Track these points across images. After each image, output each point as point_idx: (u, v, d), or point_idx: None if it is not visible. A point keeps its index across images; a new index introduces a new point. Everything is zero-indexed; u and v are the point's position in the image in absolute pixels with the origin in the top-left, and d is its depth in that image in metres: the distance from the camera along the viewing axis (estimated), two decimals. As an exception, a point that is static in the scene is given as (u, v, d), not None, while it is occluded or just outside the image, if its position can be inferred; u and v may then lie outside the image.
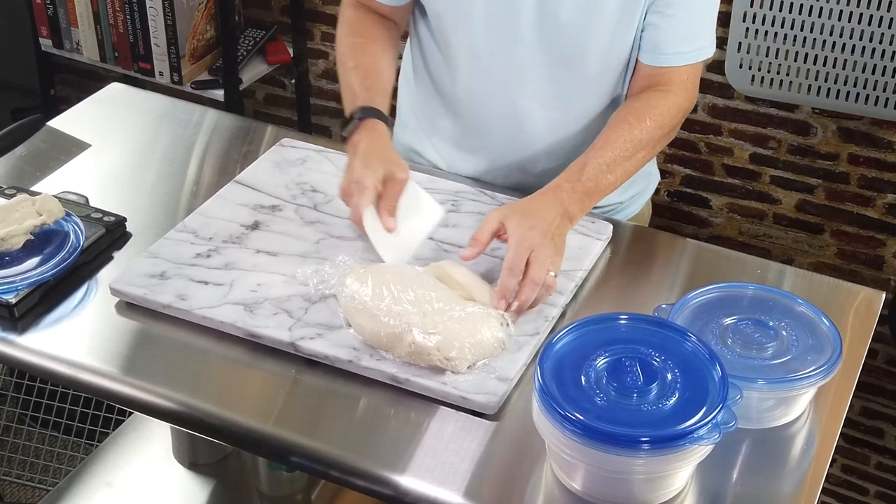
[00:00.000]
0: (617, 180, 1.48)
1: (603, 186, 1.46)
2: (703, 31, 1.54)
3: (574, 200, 1.42)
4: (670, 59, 1.52)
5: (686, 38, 1.52)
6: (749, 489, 1.15)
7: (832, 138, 2.32)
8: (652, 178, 1.78)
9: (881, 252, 2.39)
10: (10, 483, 2.53)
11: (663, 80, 1.53)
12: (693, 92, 1.57)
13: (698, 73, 1.56)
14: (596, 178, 1.45)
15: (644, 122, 1.49)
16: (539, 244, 1.33)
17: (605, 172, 1.45)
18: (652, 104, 1.52)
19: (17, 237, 1.36)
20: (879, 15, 2.11)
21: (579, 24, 1.48)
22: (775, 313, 1.26)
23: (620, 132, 1.49)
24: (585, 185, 1.43)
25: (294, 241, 1.44)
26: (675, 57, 1.52)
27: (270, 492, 1.81)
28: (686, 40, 1.52)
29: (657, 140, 1.53)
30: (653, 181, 1.79)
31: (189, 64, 2.62)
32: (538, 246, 1.33)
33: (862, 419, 2.57)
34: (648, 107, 1.51)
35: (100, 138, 1.70)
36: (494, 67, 1.54)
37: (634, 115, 1.50)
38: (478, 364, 1.24)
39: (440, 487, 1.13)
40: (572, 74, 1.53)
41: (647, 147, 1.50)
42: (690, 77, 1.55)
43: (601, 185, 1.46)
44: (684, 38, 1.52)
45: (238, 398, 1.25)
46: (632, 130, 1.49)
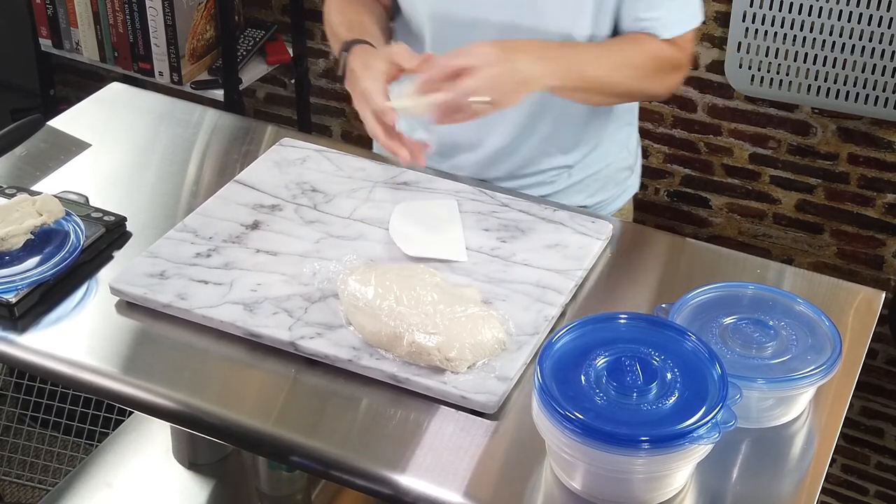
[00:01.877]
0: (602, 76, 1.46)
1: (586, 64, 1.45)
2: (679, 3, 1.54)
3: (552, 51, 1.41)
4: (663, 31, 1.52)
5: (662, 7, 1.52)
6: (749, 489, 1.15)
7: (832, 138, 2.32)
8: (627, 188, 1.77)
9: (881, 252, 2.39)
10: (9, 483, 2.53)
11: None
12: (690, 54, 1.56)
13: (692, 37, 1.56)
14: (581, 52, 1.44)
15: (635, 46, 1.49)
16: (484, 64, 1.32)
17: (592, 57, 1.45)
18: (646, 41, 1.51)
19: (18, 237, 1.36)
20: (879, 15, 2.11)
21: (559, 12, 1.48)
22: (775, 313, 1.26)
23: (611, 44, 1.49)
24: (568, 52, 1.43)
25: (294, 241, 1.44)
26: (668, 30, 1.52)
27: (270, 492, 1.81)
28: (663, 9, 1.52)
29: (646, 71, 1.51)
30: (627, 191, 1.77)
31: (189, 64, 2.62)
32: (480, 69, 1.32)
33: (862, 419, 2.57)
34: (642, 38, 1.51)
35: (100, 138, 1.70)
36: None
37: (628, 40, 1.51)
38: (478, 364, 1.24)
39: (440, 487, 1.13)
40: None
41: (636, 68, 1.49)
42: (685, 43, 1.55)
43: (584, 61, 1.44)
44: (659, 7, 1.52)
45: (238, 398, 1.25)
46: (622, 45, 1.49)
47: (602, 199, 1.72)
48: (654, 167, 2.52)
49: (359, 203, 1.52)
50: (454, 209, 1.49)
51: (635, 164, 1.79)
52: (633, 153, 1.77)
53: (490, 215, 1.49)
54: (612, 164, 1.71)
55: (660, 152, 2.50)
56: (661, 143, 2.49)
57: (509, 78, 1.35)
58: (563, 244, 1.45)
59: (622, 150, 1.73)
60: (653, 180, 2.54)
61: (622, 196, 1.76)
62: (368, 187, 1.55)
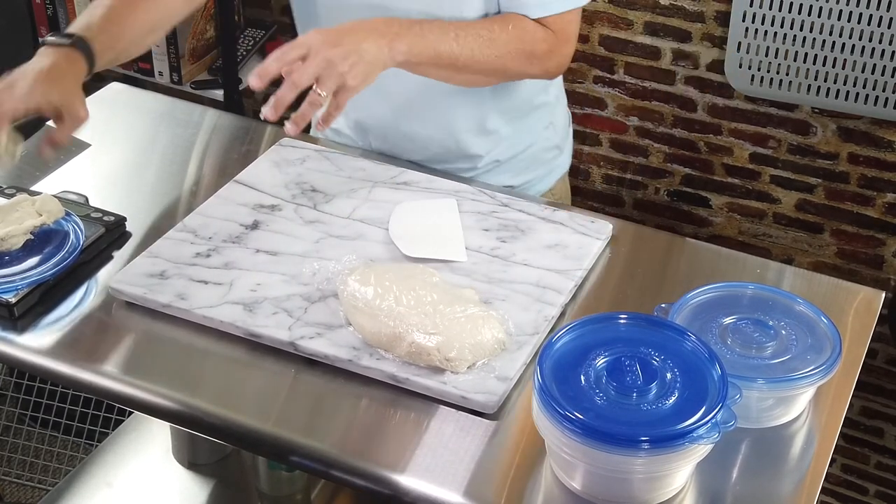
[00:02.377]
0: (460, 55, 1.43)
1: (443, 49, 1.41)
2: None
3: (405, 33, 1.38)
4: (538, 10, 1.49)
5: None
6: (748, 489, 1.15)
7: (832, 138, 2.32)
8: (555, 167, 1.76)
9: (881, 251, 2.39)
10: (9, 483, 2.53)
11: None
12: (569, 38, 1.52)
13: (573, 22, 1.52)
14: (439, 34, 1.41)
15: (506, 25, 1.46)
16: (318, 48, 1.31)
17: (451, 39, 1.42)
18: (516, 21, 1.48)
19: (17, 237, 1.36)
20: (879, 15, 2.11)
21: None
22: (775, 313, 1.26)
23: (476, 23, 1.46)
24: (424, 31, 1.40)
25: (294, 241, 1.44)
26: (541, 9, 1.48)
27: (270, 492, 1.81)
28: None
29: (512, 51, 1.47)
30: (556, 171, 1.77)
31: (189, 64, 2.62)
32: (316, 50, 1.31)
33: (862, 419, 2.57)
34: (515, 18, 1.48)
35: (100, 138, 1.70)
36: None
37: (496, 20, 1.48)
38: (477, 364, 1.24)
39: (440, 487, 1.13)
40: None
41: (500, 46, 1.45)
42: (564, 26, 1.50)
43: (441, 47, 1.41)
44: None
45: (238, 398, 1.25)
46: (492, 24, 1.46)
47: (528, 178, 1.72)
48: (654, 167, 2.53)
49: (358, 203, 1.52)
50: (454, 209, 1.49)
51: (564, 142, 1.78)
52: (560, 132, 1.76)
53: (490, 215, 1.49)
54: (536, 145, 1.70)
55: (660, 152, 2.50)
56: (661, 143, 2.49)
57: (345, 59, 1.33)
58: (562, 244, 1.45)
59: (545, 129, 1.72)
60: (653, 180, 2.54)
61: (550, 175, 1.76)
62: (368, 187, 1.55)
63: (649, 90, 2.44)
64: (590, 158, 2.58)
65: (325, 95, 1.33)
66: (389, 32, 1.38)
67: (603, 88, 2.48)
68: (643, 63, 2.42)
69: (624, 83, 2.46)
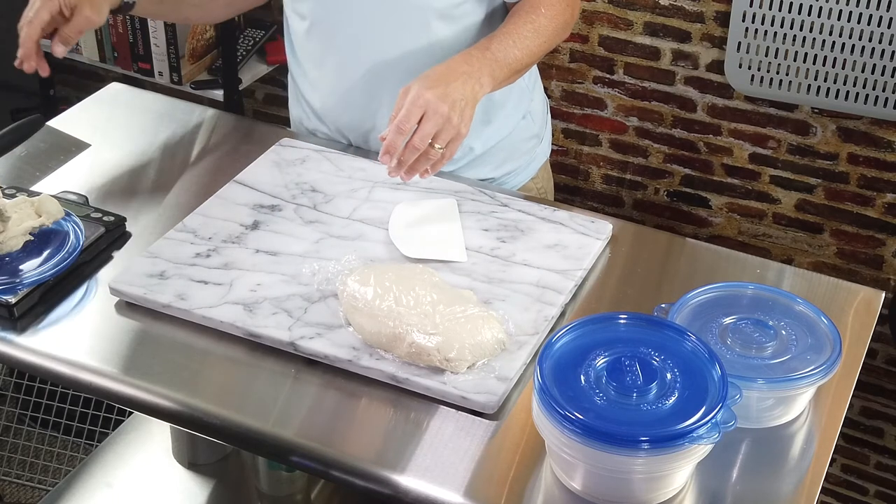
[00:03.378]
0: (523, 57, 1.49)
1: (511, 59, 1.47)
2: None
3: (483, 66, 1.43)
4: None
5: None
6: (748, 489, 1.15)
7: (832, 138, 2.32)
8: (536, 156, 1.77)
9: (881, 252, 2.39)
10: (9, 483, 2.53)
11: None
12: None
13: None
14: (504, 50, 1.46)
15: (539, 11, 1.51)
16: (434, 108, 1.34)
17: (511, 47, 1.47)
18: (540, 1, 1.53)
19: (16, 238, 1.36)
20: (879, 15, 2.11)
21: None
22: (775, 313, 1.26)
23: (518, 19, 1.51)
24: (495, 55, 1.45)
25: (293, 241, 1.44)
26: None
27: (270, 492, 1.81)
28: None
29: (553, 30, 1.53)
30: (536, 160, 1.78)
31: (188, 64, 2.62)
32: (432, 110, 1.34)
33: (861, 419, 2.57)
34: (538, 2, 1.53)
35: (99, 138, 1.70)
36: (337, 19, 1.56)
37: (529, 6, 1.52)
38: (477, 364, 1.24)
39: (440, 487, 1.13)
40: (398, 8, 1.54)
41: (545, 34, 1.52)
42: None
43: (509, 58, 1.47)
44: None
45: (238, 398, 1.25)
46: (529, 16, 1.51)
47: (509, 169, 1.72)
48: (654, 167, 2.53)
49: (358, 203, 1.52)
50: (454, 209, 1.49)
51: (543, 131, 1.79)
52: (538, 120, 1.77)
53: (490, 215, 1.49)
54: (514, 135, 1.71)
55: (660, 152, 2.50)
56: (660, 143, 2.49)
57: (456, 110, 1.37)
58: (562, 244, 1.45)
59: (522, 118, 1.73)
60: (653, 180, 2.54)
61: (531, 165, 1.76)
62: (368, 187, 1.55)
63: (649, 90, 2.44)
64: (590, 159, 2.58)
65: (441, 149, 1.36)
66: (474, 70, 1.41)
67: (603, 89, 2.48)
68: (643, 63, 2.42)
69: (624, 83, 2.46)
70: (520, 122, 1.71)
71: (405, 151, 1.35)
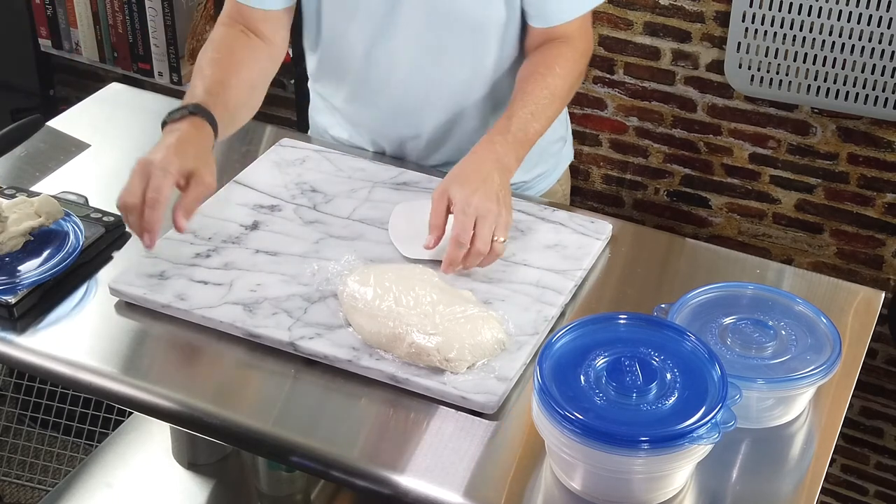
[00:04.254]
0: (542, 128, 1.52)
1: (531, 135, 1.50)
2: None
3: (508, 151, 1.45)
4: (561, 16, 1.54)
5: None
6: (748, 489, 1.15)
7: (832, 138, 2.32)
8: (562, 158, 1.79)
9: (881, 252, 2.39)
10: (9, 483, 2.53)
11: (558, 34, 1.56)
12: (589, 35, 1.61)
13: (590, 18, 1.59)
14: (524, 127, 1.49)
15: (554, 70, 1.53)
16: (484, 210, 1.36)
17: (531, 121, 1.50)
18: (556, 53, 1.55)
19: (16, 238, 1.36)
20: (879, 15, 2.11)
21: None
22: (774, 313, 1.26)
23: (535, 82, 1.52)
24: (516, 136, 1.47)
25: (293, 241, 1.44)
26: (566, 13, 1.54)
27: (270, 492, 1.81)
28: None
29: (569, 87, 1.57)
30: (562, 161, 1.79)
31: (188, 64, 2.62)
32: (483, 212, 1.36)
33: (861, 419, 2.57)
34: (554, 56, 1.55)
35: (99, 138, 1.70)
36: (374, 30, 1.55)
37: (543, 66, 1.54)
38: (477, 364, 1.24)
39: (440, 487, 1.13)
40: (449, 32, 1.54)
41: (561, 95, 1.55)
42: (583, 23, 1.58)
43: (530, 134, 1.50)
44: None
45: (238, 398, 1.25)
46: (545, 79, 1.53)
47: (539, 172, 1.73)
48: (653, 167, 2.52)
49: (358, 203, 1.52)
50: None
51: (567, 133, 1.81)
52: (563, 123, 1.78)
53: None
54: (545, 138, 1.71)
55: (659, 152, 2.50)
56: (660, 143, 2.49)
57: (499, 203, 1.38)
58: (562, 244, 1.45)
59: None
60: (653, 180, 2.54)
61: (558, 167, 1.78)
62: (368, 188, 1.55)
63: (649, 90, 2.44)
64: (590, 159, 2.58)
65: (503, 241, 1.38)
66: (501, 157, 1.44)
67: (603, 89, 2.47)
68: (643, 63, 2.41)
69: (624, 83, 2.46)
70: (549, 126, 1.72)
71: (468, 258, 1.36)
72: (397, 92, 1.60)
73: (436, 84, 1.58)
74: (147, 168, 1.32)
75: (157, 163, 1.32)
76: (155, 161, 1.33)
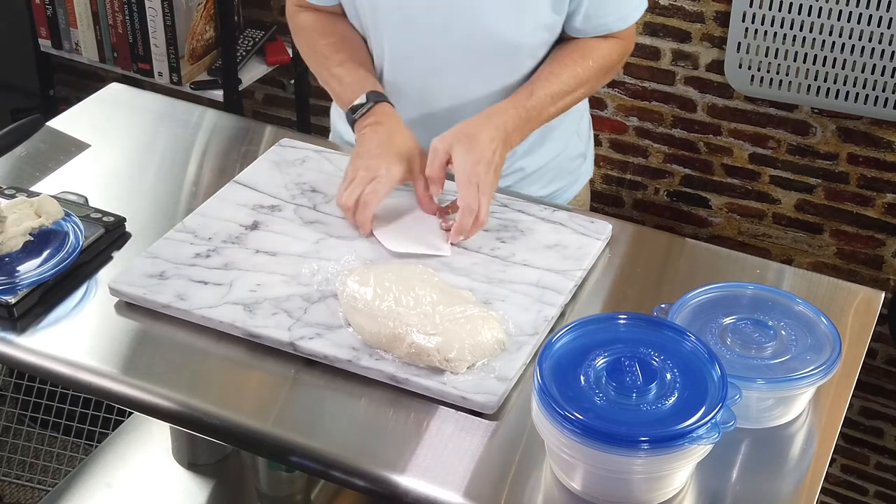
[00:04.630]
0: (556, 112, 1.54)
1: (544, 115, 1.52)
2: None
3: (517, 126, 1.48)
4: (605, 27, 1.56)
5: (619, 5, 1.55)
6: (748, 489, 1.15)
7: (831, 138, 2.32)
8: (581, 175, 1.78)
9: (880, 252, 2.39)
10: (9, 483, 2.53)
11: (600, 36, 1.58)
12: (632, 40, 1.62)
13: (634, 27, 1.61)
14: (540, 107, 1.50)
15: (587, 62, 1.54)
16: (485, 181, 1.40)
17: (548, 104, 1.52)
18: (593, 46, 1.56)
19: (16, 239, 1.36)
20: (879, 15, 2.11)
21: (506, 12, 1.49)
22: (774, 313, 1.26)
23: (564, 68, 1.54)
24: (530, 113, 1.50)
25: (293, 241, 1.44)
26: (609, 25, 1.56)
27: (270, 492, 1.81)
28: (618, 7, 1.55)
29: (597, 79, 1.58)
30: (581, 178, 1.79)
31: (188, 64, 2.62)
32: (484, 182, 1.40)
33: (861, 419, 2.57)
34: (590, 48, 1.56)
35: (99, 138, 1.70)
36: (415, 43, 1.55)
37: (578, 54, 1.55)
38: (477, 364, 1.24)
39: (440, 487, 1.13)
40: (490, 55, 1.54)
41: (586, 85, 1.56)
42: (628, 31, 1.59)
43: (543, 114, 1.52)
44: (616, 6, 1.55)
45: (237, 398, 1.25)
46: (575, 67, 1.54)
47: (557, 188, 1.72)
48: (654, 167, 2.53)
49: (358, 203, 1.51)
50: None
51: (587, 150, 1.80)
52: (584, 139, 1.78)
53: (489, 215, 1.49)
54: (564, 153, 1.72)
55: (660, 152, 2.50)
56: (660, 143, 2.49)
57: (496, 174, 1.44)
58: (562, 244, 1.45)
59: (572, 137, 1.74)
60: (653, 180, 2.54)
61: (577, 183, 1.77)
62: (368, 187, 1.55)
63: (649, 90, 2.44)
64: (589, 159, 2.58)
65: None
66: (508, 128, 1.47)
67: (603, 88, 2.48)
68: (643, 63, 2.42)
69: (624, 83, 2.46)
70: (570, 141, 1.73)
71: (473, 228, 1.41)
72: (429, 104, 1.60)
73: (466, 97, 1.58)
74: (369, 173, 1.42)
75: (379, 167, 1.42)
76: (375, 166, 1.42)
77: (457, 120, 1.52)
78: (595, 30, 1.56)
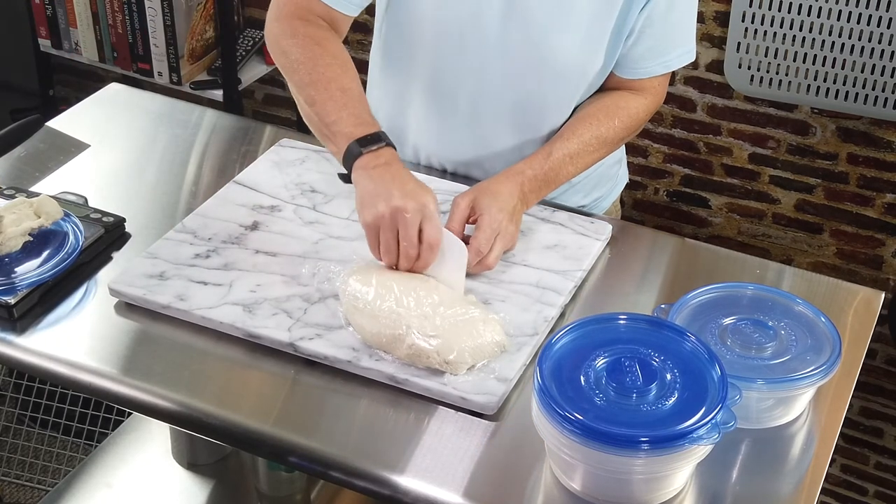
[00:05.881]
0: (576, 171, 1.52)
1: (562, 176, 1.50)
2: (683, 40, 1.54)
3: (533, 188, 1.46)
4: (646, 71, 1.54)
5: (663, 51, 1.53)
6: (748, 489, 1.15)
7: (831, 138, 2.32)
8: (618, 181, 1.78)
9: (880, 252, 2.39)
10: (9, 483, 2.53)
11: (636, 85, 1.55)
12: (663, 93, 1.60)
13: (669, 76, 1.58)
14: (558, 167, 1.49)
15: (612, 122, 1.52)
16: (506, 231, 1.39)
17: (567, 164, 1.49)
18: (622, 105, 1.54)
19: (15, 239, 1.36)
20: (879, 15, 2.11)
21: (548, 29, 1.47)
22: (774, 313, 1.26)
23: (588, 127, 1.51)
24: (547, 175, 1.48)
25: (293, 242, 1.44)
26: (651, 69, 1.54)
27: (270, 492, 1.81)
28: (663, 52, 1.53)
29: (622, 139, 1.56)
30: (619, 184, 1.78)
31: (188, 64, 2.62)
32: (503, 232, 1.39)
33: (861, 419, 2.57)
34: (618, 107, 1.54)
35: (99, 139, 1.70)
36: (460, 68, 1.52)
37: (604, 113, 1.53)
38: (477, 365, 1.24)
39: (439, 487, 1.13)
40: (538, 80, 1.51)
41: (610, 144, 1.54)
42: (662, 82, 1.57)
43: (561, 175, 1.50)
44: (662, 51, 1.52)
45: (237, 398, 1.25)
46: (599, 127, 1.52)
47: (598, 195, 1.72)
48: (653, 167, 2.52)
49: (358, 203, 1.51)
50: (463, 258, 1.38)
51: (622, 155, 1.79)
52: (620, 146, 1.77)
53: None
54: (605, 162, 1.71)
55: (659, 152, 2.50)
56: (660, 143, 2.49)
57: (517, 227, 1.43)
58: (562, 245, 1.45)
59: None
60: (652, 180, 2.54)
61: (615, 190, 1.77)
62: (368, 188, 1.54)
63: (649, 90, 2.44)
64: (589, 158, 2.58)
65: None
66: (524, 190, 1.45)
67: (602, 88, 2.47)
68: (643, 63, 2.41)
69: (623, 83, 2.46)
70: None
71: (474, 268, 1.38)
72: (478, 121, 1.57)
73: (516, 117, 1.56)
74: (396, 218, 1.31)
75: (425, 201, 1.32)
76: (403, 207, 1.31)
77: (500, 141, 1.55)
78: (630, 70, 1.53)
